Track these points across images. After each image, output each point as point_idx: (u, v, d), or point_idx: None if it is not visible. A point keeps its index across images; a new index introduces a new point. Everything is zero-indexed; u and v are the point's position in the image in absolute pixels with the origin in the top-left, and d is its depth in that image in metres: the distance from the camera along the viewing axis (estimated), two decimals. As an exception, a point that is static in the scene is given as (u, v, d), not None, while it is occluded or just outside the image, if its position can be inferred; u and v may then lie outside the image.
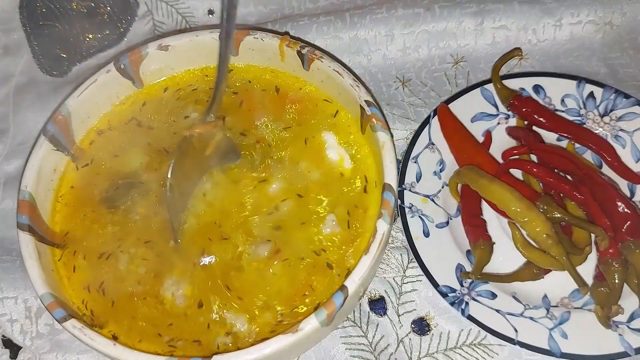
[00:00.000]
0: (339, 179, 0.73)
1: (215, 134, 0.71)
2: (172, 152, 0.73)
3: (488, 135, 0.83)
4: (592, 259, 0.74)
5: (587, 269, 0.73)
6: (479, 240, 0.75)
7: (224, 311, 0.67)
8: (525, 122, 0.83)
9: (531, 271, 0.74)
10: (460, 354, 0.73)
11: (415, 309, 0.76)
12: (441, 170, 0.81)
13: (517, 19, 0.92)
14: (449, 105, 0.84)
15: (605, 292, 0.70)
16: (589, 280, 0.73)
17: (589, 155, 0.81)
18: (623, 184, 0.79)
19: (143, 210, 0.72)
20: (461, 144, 0.81)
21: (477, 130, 0.83)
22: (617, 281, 0.70)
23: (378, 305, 0.76)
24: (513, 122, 0.84)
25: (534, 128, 0.83)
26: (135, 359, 0.60)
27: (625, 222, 0.72)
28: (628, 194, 0.79)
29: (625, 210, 0.72)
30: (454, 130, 0.82)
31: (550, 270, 0.74)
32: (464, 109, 0.84)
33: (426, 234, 0.77)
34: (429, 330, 0.74)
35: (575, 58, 0.91)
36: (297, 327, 0.59)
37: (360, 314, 0.75)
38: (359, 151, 0.74)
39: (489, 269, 0.74)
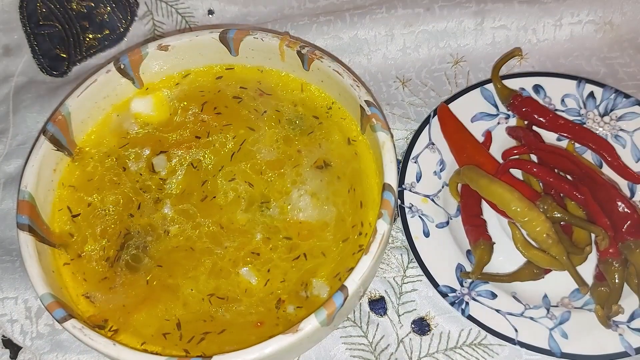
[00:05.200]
0: None
1: None
2: None
3: (488, 135, 0.83)
4: (592, 258, 0.74)
5: (587, 269, 0.73)
6: (479, 240, 0.75)
7: None
8: (525, 122, 0.83)
9: (531, 271, 0.74)
10: (460, 354, 0.73)
11: (415, 309, 0.76)
12: (441, 170, 0.81)
13: (517, 19, 0.92)
14: (449, 105, 0.84)
15: (605, 291, 0.70)
16: (589, 280, 0.73)
17: (589, 155, 0.81)
18: (623, 184, 0.79)
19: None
20: (461, 144, 0.81)
21: (477, 130, 0.83)
22: (617, 281, 0.70)
23: (378, 305, 0.76)
24: (513, 122, 0.84)
25: (534, 128, 0.83)
26: (135, 359, 0.60)
27: (625, 222, 0.71)
28: (628, 194, 0.79)
29: (625, 210, 0.72)
30: (454, 130, 0.82)
31: (550, 270, 0.74)
32: (464, 108, 0.84)
33: (426, 234, 0.77)
34: (429, 330, 0.74)
35: (575, 58, 0.91)
36: (297, 327, 0.59)
37: (360, 314, 0.75)
38: None
39: (489, 269, 0.74)
